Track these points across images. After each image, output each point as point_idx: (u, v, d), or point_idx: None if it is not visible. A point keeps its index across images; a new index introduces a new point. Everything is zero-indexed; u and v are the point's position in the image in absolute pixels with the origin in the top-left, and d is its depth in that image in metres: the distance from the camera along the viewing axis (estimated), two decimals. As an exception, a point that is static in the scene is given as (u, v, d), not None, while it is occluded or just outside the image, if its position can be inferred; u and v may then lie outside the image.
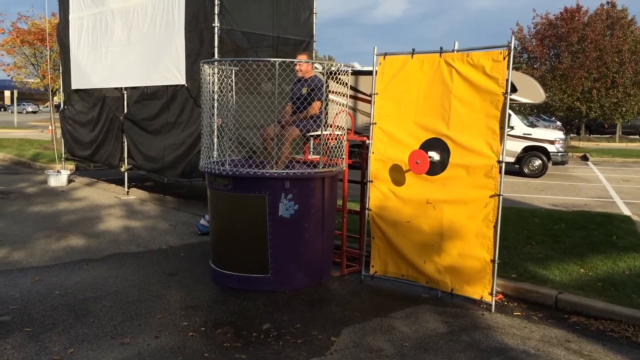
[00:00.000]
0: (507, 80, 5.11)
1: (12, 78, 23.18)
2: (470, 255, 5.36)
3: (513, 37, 5.29)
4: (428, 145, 5.52)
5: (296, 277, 5.69)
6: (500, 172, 5.17)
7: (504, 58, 5.12)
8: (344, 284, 5.96)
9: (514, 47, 5.17)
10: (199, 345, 4.31)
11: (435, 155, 5.49)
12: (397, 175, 5.79)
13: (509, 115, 5.90)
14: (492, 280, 5.25)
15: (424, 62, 5.61)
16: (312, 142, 6.71)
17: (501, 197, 5.19)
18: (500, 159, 5.16)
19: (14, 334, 4.40)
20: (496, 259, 5.21)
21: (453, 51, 5.44)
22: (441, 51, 5.51)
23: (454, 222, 5.44)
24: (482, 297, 5.31)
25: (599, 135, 37.25)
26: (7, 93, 61.37)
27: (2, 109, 62.73)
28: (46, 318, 4.73)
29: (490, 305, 5.25)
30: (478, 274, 5.34)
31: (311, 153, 6.54)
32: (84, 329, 4.53)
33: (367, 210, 6.01)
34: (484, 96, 5.25)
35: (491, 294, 5.26)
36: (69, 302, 5.11)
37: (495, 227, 5.21)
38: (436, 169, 5.50)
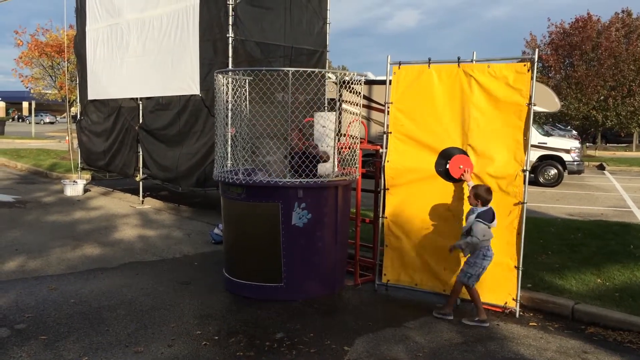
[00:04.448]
0: (531, 91, 5.21)
1: (30, 90, 23.58)
2: (493, 262, 5.36)
3: (537, 51, 5.45)
4: (448, 154, 5.53)
5: (309, 286, 5.68)
6: (524, 181, 5.24)
7: (528, 70, 5.23)
8: (357, 293, 5.93)
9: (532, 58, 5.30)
10: (212, 354, 4.30)
11: None
12: (413, 184, 5.77)
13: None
14: (516, 286, 5.31)
15: (442, 72, 5.64)
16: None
17: (525, 205, 5.26)
18: (525, 168, 5.25)
19: (30, 342, 4.44)
20: (520, 265, 5.28)
21: (472, 61, 5.49)
22: (459, 61, 5.53)
23: None
24: (505, 303, 5.32)
25: (616, 144, 36.88)
26: (25, 104, 62.37)
27: (21, 120, 63.72)
28: (61, 326, 4.76)
29: (515, 310, 5.30)
30: (501, 281, 5.38)
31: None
32: (99, 337, 4.55)
33: (381, 219, 6.00)
34: (507, 106, 5.34)
35: (515, 299, 5.30)
36: (84, 311, 5.15)
37: (519, 234, 5.27)
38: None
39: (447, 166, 5.54)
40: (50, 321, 4.87)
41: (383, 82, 6.12)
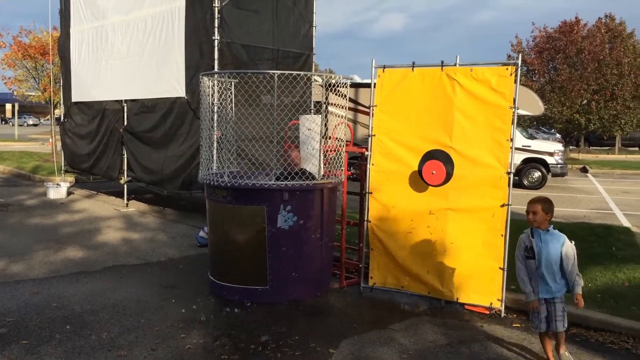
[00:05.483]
0: (514, 94, 5.29)
1: (13, 91, 23.30)
2: (477, 264, 5.43)
3: (520, 55, 5.52)
4: (430, 156, 5.55)
5: (295, 289, 5.67)
6: (509, 183, 5.31)
7: (511, 74, 5.29)
8: (342, 295, 5.94)
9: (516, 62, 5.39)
10: (197, 357, 4.28)
11: None
12: (397, 186, 5.80)
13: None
14: (502, 287, 5.37)
15: (425, 76, 5.68)
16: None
17: (510, 206, 5.32)
18: (509, 171, 5.31)
19: (11, 346, 4.38)
20: (505, 267, 5.32)
21: (455, 65, 5.53)
22: (442, 65, 5.58)
23: (459, 232, 5.52)
24: (491, 304, 5.37)
25: (599, 148, 37.33)
26: (8, 106, 61.49)
27: (3, 122, 62.89)
28: (43, 330, 4.71)
29: (500, 311, 5.37)
30: (486, 282, 5.44)
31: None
32: (81, 341, 4.51)
33: (366, 222, 6.01)
34: (490, 110, 5.38)
35: (500, 300, 5.36)
36: (66, 315, 5.09)
37: (503, 236, 5.33)
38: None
39: (421, 170, 5.56)
40: (32, 325, 4.81)
41: (369, 85, 6.15)
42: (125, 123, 10.64)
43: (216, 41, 8.65)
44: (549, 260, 4.19)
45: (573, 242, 4.26)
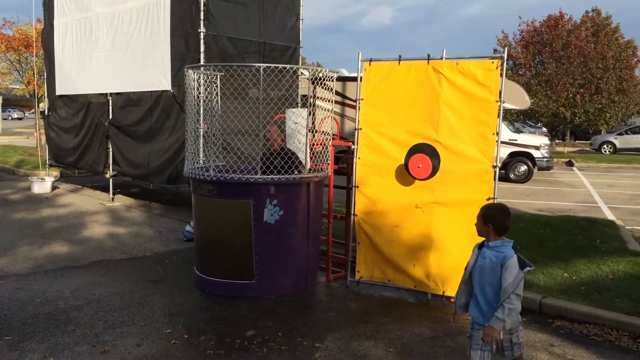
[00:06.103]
0: (500, 88, 5.29)
1: (-3, 85, 23.01)
2: (463, 258, 5.41)
3: (506, 49, 5.52)
4: (416, 149, 5.55)
5: (281, 283, 5.66)
6: (494, 177, 5.32)
7: (497, 67, 5.29)
8: (329, 289, 5.94)
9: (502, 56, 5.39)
10: (182, 352, 4.26)
11: None
12: (383, 180, 5.80)
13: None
14: None
15: (411, 69, 5.67)
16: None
17: (495, 200, 5.32)
18: (495, 164, 5.32)
19: (-7, 342, 4.33)
20: None
21: (442, 58, 5.52)
22: (429, 58, 5.58)
23: (445, 226, 5.52)
24: None
25: (584, 141, 37.65)
26: (-8, 99, 60.72)
27: (-13, 116, 62.02)
28: (26, 326, 4.66)
29: None
30: None
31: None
32: (65, 337, 4.46)
33: (352, 216, 6.01)
34: (476, 103, 5.39)
35: None
36: (50, 310, 5.04)
37: None
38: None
39: (407, 164, 5.56)
40: (15, 321, 4.76)
41: (356, 79, 6.13)
42: (111, 116, 10.53)
43: (202, 34, 8.57)
44: (482, 280, 3.49)
45: (528, 269, 3.39)
